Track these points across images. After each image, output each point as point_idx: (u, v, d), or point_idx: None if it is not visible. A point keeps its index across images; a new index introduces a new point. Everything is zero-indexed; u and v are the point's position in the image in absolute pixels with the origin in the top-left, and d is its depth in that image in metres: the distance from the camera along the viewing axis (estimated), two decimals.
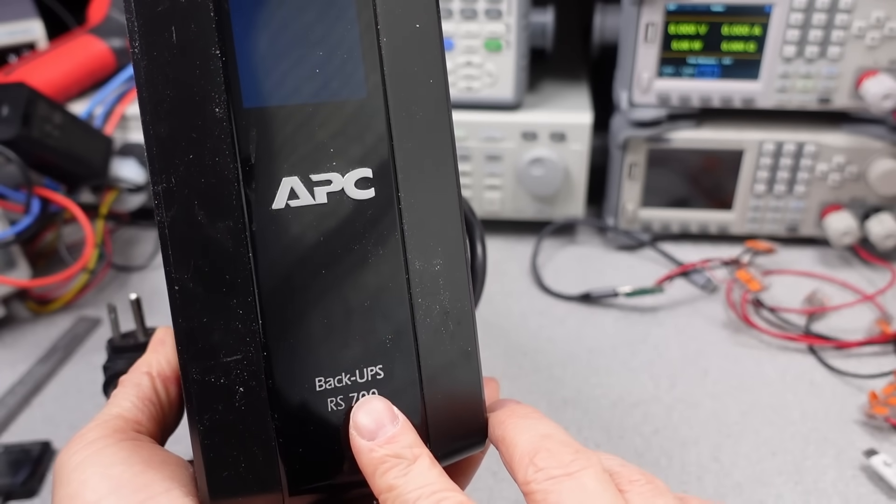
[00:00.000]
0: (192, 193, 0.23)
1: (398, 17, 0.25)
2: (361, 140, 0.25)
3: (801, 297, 0.59)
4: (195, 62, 0.23)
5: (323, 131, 0.25)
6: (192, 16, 0.23)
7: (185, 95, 0.23)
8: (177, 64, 0.23)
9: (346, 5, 0.24)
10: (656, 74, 0.60)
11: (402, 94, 0.25)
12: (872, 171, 0.60)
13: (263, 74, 0.24)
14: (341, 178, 0.25)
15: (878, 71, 0.57)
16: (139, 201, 0.66)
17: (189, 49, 0.23)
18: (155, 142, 0.23)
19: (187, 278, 0.23)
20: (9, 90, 0.55)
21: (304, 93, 0.24)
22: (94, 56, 0.70)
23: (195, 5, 0.23)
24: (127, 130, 0.67)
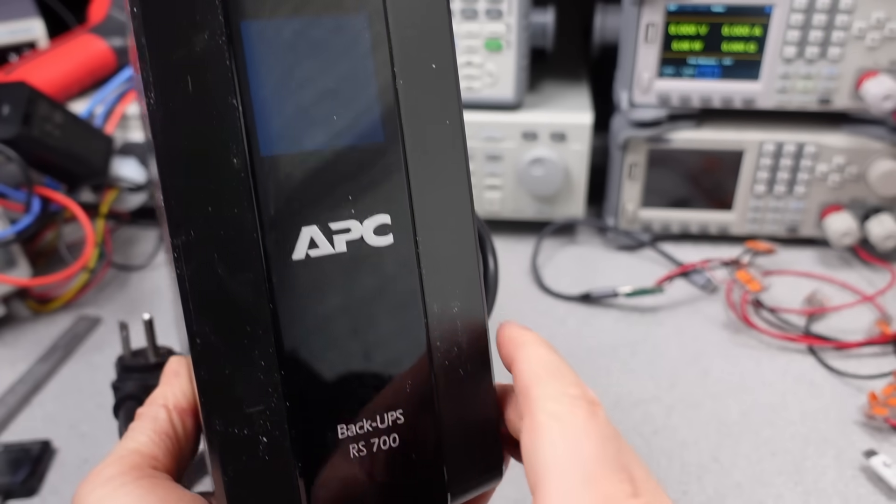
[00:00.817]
0: (212, 246, 0.23)
1: (414, 59, 0.25)
2: (380, 185, 0.25)
3: (801, 298, 0.59)
4: (212, 111, 0.23)
5: (341, 177, 0.24)
6: (209, 64, 0.23)
7: (202, 146, 0.23)
8: (194, 114, 0.23)
9: (362, 49, 0.24)
10: (657, 75, 0.60)
11: (419, 137, 0.25)
12: (872, 171, 0.60)
13: (280, 121, 0.24)
14: (360, 225, 0.25)
15: (878, 72, 0.57)
16: (139, 200, 0.66)
17: (206, 98, 0.23)
18: (172, 194, 0.23)
19: (208, 331, 0.23)
20: (9, 89, 0.55)
21: (322, 139, 0.24)
22: (95, 55, 0.70)
23: (211, 53, 0.23)
24: (127, 130, 0.67)
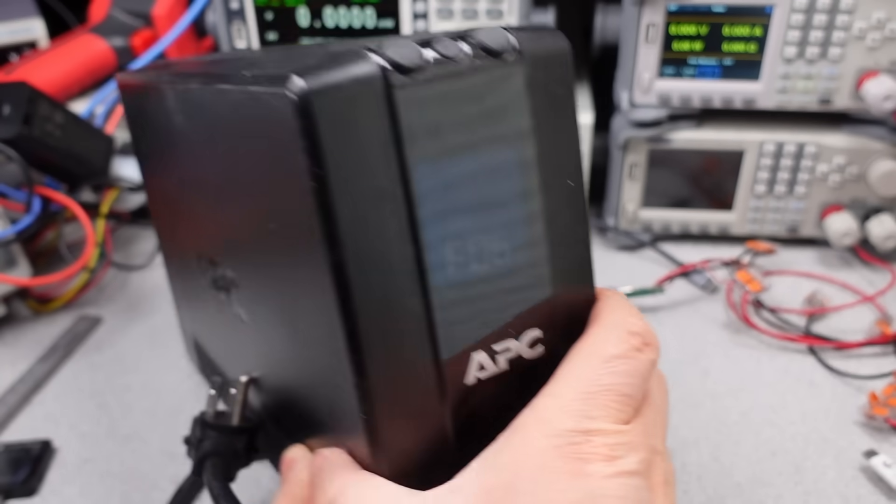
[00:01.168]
0: (393, 389, 0.24)
1: (557, 180, 0.26)
2: (534, 303, 0.27)
3: (801, 298, 0.59)
4: (392, 253, 0.23)
5: (504, 300, 0.26)
6: (387, 211, 0.23)
7: (383, 290, 0.23)
8: (376, 258, 0.23)
9: (518, 177, 0.26)
10: (657, 75, 0.60)
11: (561, 255, 0.27)
12: (873, 172, 0.60)
13: (449, 253, 0.25)
14: (517, 342, 0.27)
15: (878, 72, 0.57)
16: (140, 200, 0.66)
17: (385, 242, 0.23)
18: (355, 339, 0.23)
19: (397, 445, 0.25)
20: (10, 89, 0.55)
21: (486, 266, 0.25)
22: (95, 55, 0.70)
23: (389, 200, 0.23)
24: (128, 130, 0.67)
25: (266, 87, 0.22)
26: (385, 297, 0.23)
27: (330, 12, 0.62)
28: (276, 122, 0.22)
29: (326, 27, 0.63)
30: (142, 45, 0.72)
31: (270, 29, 0.63)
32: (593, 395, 0.25)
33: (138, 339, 0.56)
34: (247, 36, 0.64)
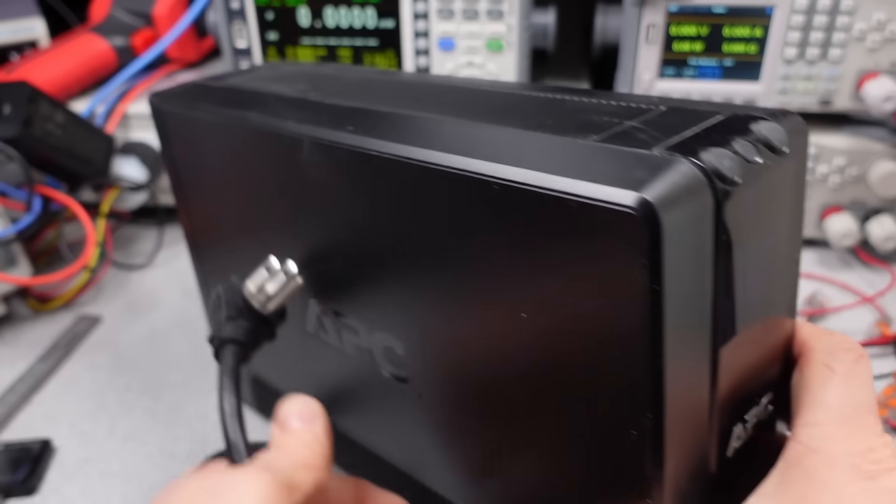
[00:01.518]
0: (681, 482, 0.24)
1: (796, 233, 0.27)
2: (777, 365, 0.28)
3: (801, 299, 0.59)
4: (700, 355, 0.23)
5: (761, 372, 0.27)
6: (704, 317, 0.23)
7: (691, 393, 0.23)
8: (689, 365, 0.23)
9: (792, 257, 0.27)
10: (657, 75, 0.60)
11: (793, 304, 0.28)
12: (873, 173, 0.60)
13: (743, 317, 0.24)
14: (759, 408, 0.27)
15: (878, 73, 0.57)
16: (140, 200, 0.66)
17: (697, 348, 0.23)
18: (666, 444, 0.23)
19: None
20: (11, 89, 0.55)
21: (760, 348, 0.26)
22: (96, 54, 0.70)
23: (707, 305, 0.23)
24: (128, 129, 0.67)
25: (582, 198, 0.21)
26: (690, 398, 0.23)
27: (330, 12, 0.62)
28: (593, 233, 0.21)
29: (327, 27, 0.63)
30: (142, 44, 0.72)
31: (271, 29, 0.63)
32: (853, 416, 0.26)
33: (138, 339, 0.56)
34: (247, 36, 0.64)
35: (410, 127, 0.28)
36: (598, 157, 0.23)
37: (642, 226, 0.20)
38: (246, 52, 0.64)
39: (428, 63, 0.63)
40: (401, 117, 0.30)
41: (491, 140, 0.26)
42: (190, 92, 0.39)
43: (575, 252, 0.22)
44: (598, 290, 0.22)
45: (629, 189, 0.20)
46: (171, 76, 0.75)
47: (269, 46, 0.64)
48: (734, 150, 0.23)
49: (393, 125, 0.29)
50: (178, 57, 0.75)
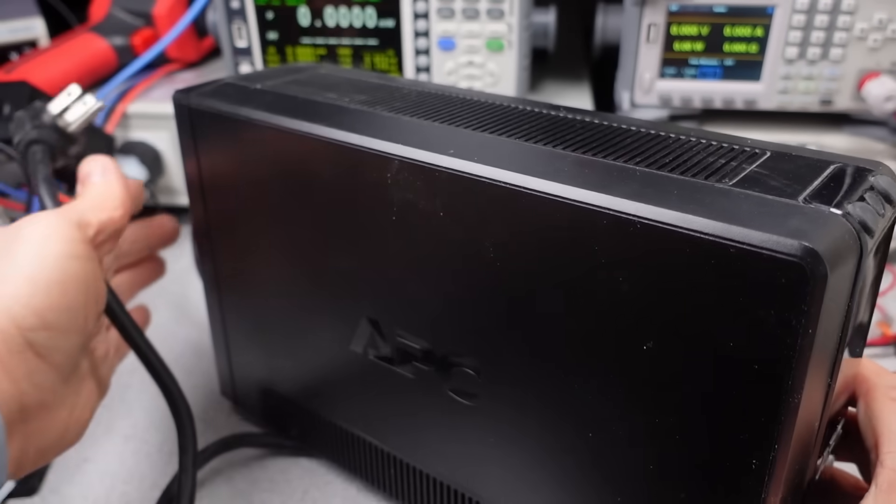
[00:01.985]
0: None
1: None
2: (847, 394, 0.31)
3: None
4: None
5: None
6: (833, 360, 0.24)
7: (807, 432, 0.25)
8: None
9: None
10: (658, 75, 0.60)
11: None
12: None
13: (848, 338, 0.25)
14: (836, 434, 0.30)
15: (879, 73, 0.57)
16: None
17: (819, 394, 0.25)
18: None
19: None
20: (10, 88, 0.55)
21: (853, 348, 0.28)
22: (96, 54, 0.70)
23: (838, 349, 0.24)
24: (128, 129, 0.67)
25: (744, 245, 0.22)
26: (808, 427, 0.25)
27: (330, 12, 0.62)
28: (746, 277, 0.22)
29: (327, 26, 0.63)
30: (142, 44, 0.72)
31: (271, 28, 0.63)
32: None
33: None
34: (247, 35, 0.64)
35: (528, 158, 0.28)
36: (746, 203, 0.23)
37: (809, 276, 0.21)
38: (246, 52, 0.64)
39: (428, 63, 0.63)
40: (508, 144, 0.29)
41: (623, 177, 0.25)
42: (228, 92, 0.38)
43: (720, 294, 0.23)
44: (745, 331, 0.23)
45: (794, 239, 0.21)
46: (171, 76, 0.75)
47: (268, 46, 0.64)
48: (868, 202, 0.24)
49: (501, 154, 0.28)
50: (177, 57, 0.75)
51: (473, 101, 0.35)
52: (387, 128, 0.31)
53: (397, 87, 0.38)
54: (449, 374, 0.32)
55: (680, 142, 0.29)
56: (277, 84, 0.39)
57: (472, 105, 0.35)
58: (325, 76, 0.42)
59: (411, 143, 0.29)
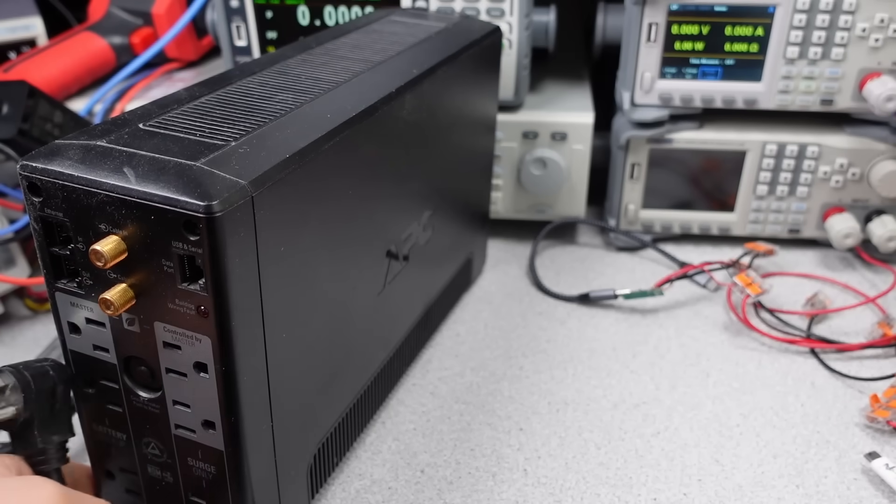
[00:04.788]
0: None
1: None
2: None
3: (802, 299, 0.58)
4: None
5: None
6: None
7: None
8: None
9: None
10: (659, 75, 0.60)
11: None
12: (875, 173, 0.60)
13: None
14: None
15: (881, 72, 0.57)
16: None
17: None
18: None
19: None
20: (9, 88, 0.55)
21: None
22: (94, 53, 0.70)
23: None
24: None
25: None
26: None
27: (330, 10, 0.62)
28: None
29: (327, 26, 0.63)
30: (141, 43, 0.72)
31: (270, 28, 0.63)
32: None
33: None
34: (246, 34, 0.63)
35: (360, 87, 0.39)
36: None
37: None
38: (245, 51, 0.64)
39: None
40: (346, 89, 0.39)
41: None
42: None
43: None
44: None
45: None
46: (170, 75, 0.75)
47: (267, 45, 0.64)
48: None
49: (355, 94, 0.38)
50: (176, 56, 0.75)
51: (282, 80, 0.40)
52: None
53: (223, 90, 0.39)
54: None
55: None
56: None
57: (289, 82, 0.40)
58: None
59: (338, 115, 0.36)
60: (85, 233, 0.30)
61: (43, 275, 0.32)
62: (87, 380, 0.35)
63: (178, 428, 0.33)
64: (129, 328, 0.32)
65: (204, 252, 0.28)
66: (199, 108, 0.34)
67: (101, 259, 0.28)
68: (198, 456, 0.33)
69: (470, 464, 0.44)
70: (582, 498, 0.42)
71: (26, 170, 0.29)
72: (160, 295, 0.30)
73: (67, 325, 0.33)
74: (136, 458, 0.35)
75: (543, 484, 0.43)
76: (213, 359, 0.30)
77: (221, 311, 0.29)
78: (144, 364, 0.32)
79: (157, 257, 0.29)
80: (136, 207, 0.28)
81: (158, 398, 0.33)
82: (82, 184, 0.28)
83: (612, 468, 0.44)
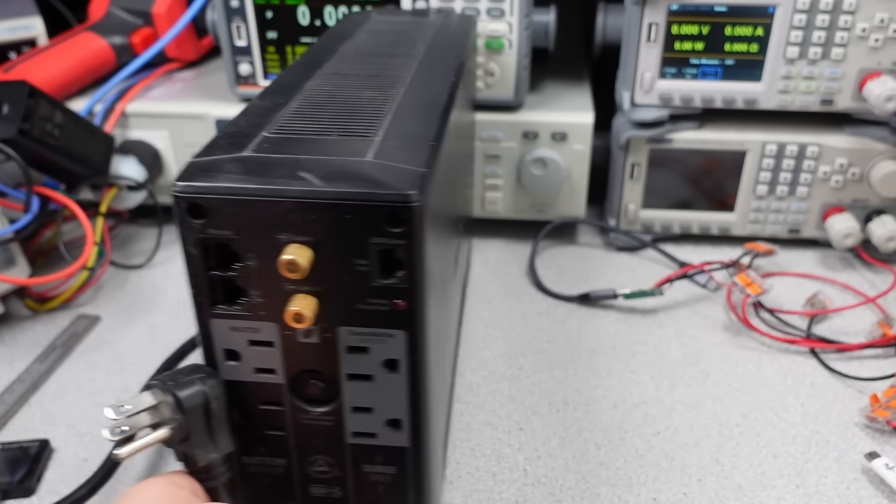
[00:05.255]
0: None
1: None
2: None
3: (802, 299, 0.58)
4: None
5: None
6: None
7: None
8: None
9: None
10: (659, 75, 0.60)
11: None
12: (875, 173, 0.60)
13: None
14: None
15: (881, 73, 0.57)
16: (138, 199, 0.66)
17: None
18: None
19: None
20: (10, 88, 0.55)
21: None
22: (95, 53, 0.70)
23: None
24: (126, 128, 0.67)
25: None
26: None
27: (330, 11, 0.62)
28: None
29: (327, 26, 0.63)
30: (141, 43, 0.72)
31: (270, 28, 0.63)
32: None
33: (137, 339, 0.56)
34: (246, 34, 0.63)
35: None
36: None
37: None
38: (245, 51, 0.64)
39: None
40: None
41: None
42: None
43: None
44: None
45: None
46: (170, 75, 0.75)
47: (268, 45, 0.64)
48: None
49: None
50: (176, 56, 0.75)
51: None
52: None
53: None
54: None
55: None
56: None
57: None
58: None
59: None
60: (260, 247, 0.28)
61: (197, 304, 0.30)
62: (242, 410, 0.32)
63: (355, 436, 0.32)
64: (305, 341, 0.30)
65: (407, 242, 0.27)
66: (301, 114, 0.33)
67: (296, 269, 0.26)
68: (375, 460, 0.32)
69: (470, 464, 0.44)
70: (582, 498, 0.42)
71: (186, 191, 0.27)
72: (349, 297, 0.28)
73: (224, 353, 0.31)
74: (296, 482, 0.33)
75: (543, 484, 0.43)
76: (405, 354, 0.29)
77: (418, 302, 0.28)
78: (318, 377, 0.31)
79: (350, 257, 0.27)
80: (330, 209, 0.26)
81: (333, 409, 0.31)
82: (262, 195, 0.26)
83: (612, 468, 0.44)
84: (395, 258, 0.27)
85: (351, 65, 0.41)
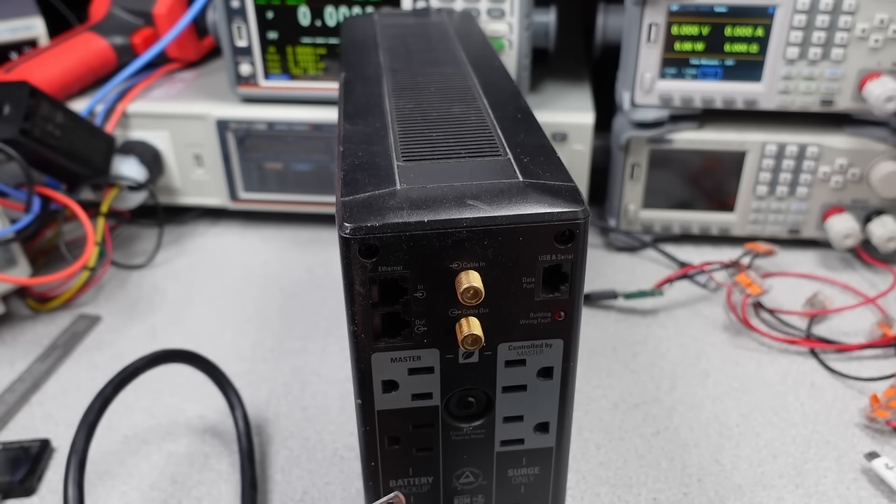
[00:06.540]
0: None
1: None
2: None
3: (802, 300, 0.58)
4: None
5: None
6: None
7: None
8: None
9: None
10: (659, 75, 0.60)
11: None
12: (875, 173, 0.60)
13: None
14: None
15: (881, 73, 0.57)
16: (139, 199, 0.66)
17: None
18: None
19: None
20: (10, 89, 0.55)
21: None
22: (95, 53, 0.70)
23: None
24: (127, 128, 0.67)
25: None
26: None
27: (330, 11, 0.62)
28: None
29: (327, 26, 0.63)
30: (142, 43, 0.72)
31: (271, 28, 0.63)
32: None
33: (137, 339, 0.56)
34: (247, 35, 0.64)
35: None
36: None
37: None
38: (246, 51, 0.64)
39: None
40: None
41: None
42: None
43: None
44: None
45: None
46: (171, 75, 0.75)
47: (268, 45, 0.64)
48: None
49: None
50: (177, 56, 0.75)
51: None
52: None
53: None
54: None
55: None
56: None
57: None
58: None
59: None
60: (430, 279, 0.28)
61: (358, 340, 0.29)
62: (391, 437, 0.32)
63: (503, 444, 0.32)
64: (465, 361, 0.30)
65: (574, 256, 0.28)
66: (412, 137, 0.32)
67: (475, 295, 0.27)
68: (521, 463, 0.33)
69: None
70: (582, 498, 0.42)
71: (360, 232, 0.26)
72: (512, 314, 0.29)
73: (381, 385, 0.30)
74: (441, 497, 0.34)
75: None
76: (560, 360, 0.30)
77: (577, 310, 0.29)
78: (472, 394, 0.31)
79: (517, 276, 0.28)
80: (502, 233, 0.27)
81: (484, 422, 0.32)
82: (437, 227, 0.27)
83: (612, 468, 0.44)
84: (560, 272, 0.28)
85: (410, 77, 0.40)
